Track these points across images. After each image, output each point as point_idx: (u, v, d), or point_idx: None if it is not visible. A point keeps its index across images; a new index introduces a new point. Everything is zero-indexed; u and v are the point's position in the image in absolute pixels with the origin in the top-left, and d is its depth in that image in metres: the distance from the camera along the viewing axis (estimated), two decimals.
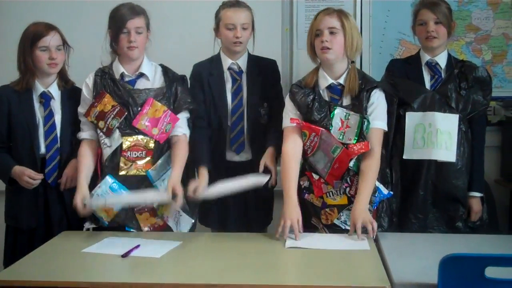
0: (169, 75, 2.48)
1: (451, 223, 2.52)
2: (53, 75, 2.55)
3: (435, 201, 2.51)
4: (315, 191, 2.36)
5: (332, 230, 2.31)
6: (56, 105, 2.54)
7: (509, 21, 3.22)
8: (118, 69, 2.44)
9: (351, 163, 2.29)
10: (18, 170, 2.46)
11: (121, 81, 2.43)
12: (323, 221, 2.35)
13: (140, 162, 2.38)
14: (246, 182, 2.33)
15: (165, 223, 2.40)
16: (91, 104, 2.42)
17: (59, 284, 1.77)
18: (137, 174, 2.38)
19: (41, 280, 1.78)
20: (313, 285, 1.76)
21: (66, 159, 2.52)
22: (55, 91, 2.55)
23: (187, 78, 2.58)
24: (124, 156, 2.37)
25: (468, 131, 2.54)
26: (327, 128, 2.30)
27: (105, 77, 2.43)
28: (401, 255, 1.98)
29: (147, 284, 1.77)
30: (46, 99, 2.53)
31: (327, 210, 2.34)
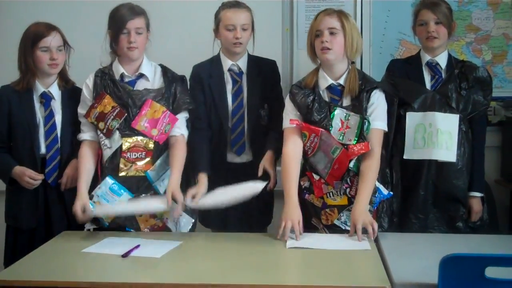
0: (168, 76, 2.47)
1: (451, 223, 2.52)
2: (53, 75, 2.55)
3: (435, 201, 2.51)
4: (315, 191, 2.36)
5: (332, 231, 2.31)
6: (57, 105, 2.54)
7: (509, 21, 3.22)
8: (118, 69, 2.44)
9: (351, 164, 2.29)
10: (19, 170, 2.47)
11: (121, 82, 2.43)
12: (323, 221, 2.35)
13: (140, 163, 2.38)
14: (243, 191, 2.30)
15: (164, 225, 2.40)
16: (91, 105, 2.42)
17: (59, 284, 1.77)
18: (137, 175, 2.38)
19: (41, 280, 1.78)
20: (313, 285, 1.76)
21: (66, 159, 2.52)
22: (55, 91, 2.55)
23: (186, 78, 2.57)
24: (124, 157, 2.37)
25: (468, 131, 2.54)
26: (327, 129, 2.29)
27: (105, 78, 2.43)
28: (401, 255, 1.98)
29: (147, 284, 1.77)
30: (46, 99, 2.53)
31: (327, 210, 2.34)
